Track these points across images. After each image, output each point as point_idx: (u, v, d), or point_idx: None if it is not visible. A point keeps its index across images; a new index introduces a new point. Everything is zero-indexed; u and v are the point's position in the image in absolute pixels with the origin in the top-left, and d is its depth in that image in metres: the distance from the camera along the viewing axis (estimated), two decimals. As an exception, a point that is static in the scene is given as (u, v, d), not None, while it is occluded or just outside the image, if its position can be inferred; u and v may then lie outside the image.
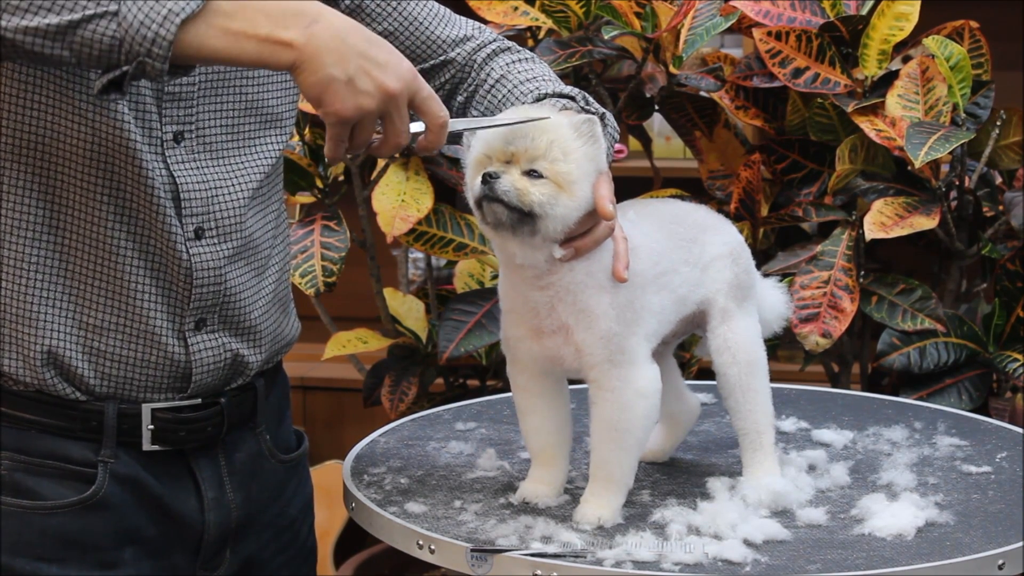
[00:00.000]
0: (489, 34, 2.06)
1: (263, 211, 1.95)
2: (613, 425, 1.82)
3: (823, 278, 2.77)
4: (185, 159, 1.86)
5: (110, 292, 1.85)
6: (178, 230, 1.85)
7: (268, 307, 1.98)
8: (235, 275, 1.92)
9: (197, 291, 1.88)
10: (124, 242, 1.84)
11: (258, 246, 1.95)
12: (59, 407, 1.87)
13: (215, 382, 1.93)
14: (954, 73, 2.71)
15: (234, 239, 1.91)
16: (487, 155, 1.76)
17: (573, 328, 1.80)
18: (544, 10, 2.88)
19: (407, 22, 2.01)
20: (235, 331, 1.93)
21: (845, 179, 2.82)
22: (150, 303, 1.86)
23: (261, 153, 1.94)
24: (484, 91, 2.00)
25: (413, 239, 2.87)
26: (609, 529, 1.79)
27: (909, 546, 1.77)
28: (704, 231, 1.94)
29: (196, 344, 1.89)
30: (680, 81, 2.92)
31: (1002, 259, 2.84)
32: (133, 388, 1.88)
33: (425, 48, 2.01)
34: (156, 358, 1.88)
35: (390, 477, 1.97)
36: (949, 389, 2.79)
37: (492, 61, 2.02)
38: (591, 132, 1.76)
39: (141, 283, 1.85)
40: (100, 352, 1.86)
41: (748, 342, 1.93)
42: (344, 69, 1.68)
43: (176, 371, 1.89)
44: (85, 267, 1.85)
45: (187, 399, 1.91)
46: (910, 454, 2.07)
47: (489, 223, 1.76)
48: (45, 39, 1.67)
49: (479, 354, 3.04)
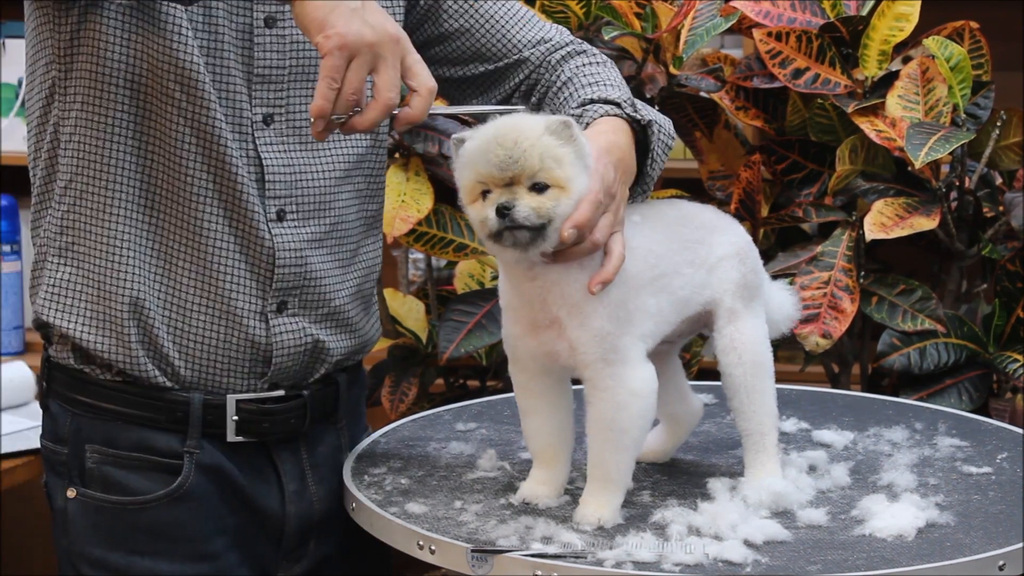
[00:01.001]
0: (566, 36, 2.08)
1: (354, 200, 1.97)
2: (608, 425, 1.83)
3: (823, 279, 2.77)
4: (273, 141, 1.90)
5: (197, 272, 1.89)
6: (260, 211, 1.89)
7: (351, 298, 2.00)
8: (318, 260, 1.94)
9: (279, 271, 1.91)
10: (213, 222, 1.88)
11: (346, 235, 1.98)
12: (145, 397, 1.91)
13: (295, 368, 1.95)
14: (954, 73, 2.71)
15: (317, 223, 1.93)
16: (480, 182, 1.76)
17: (565, 323, 1.81)
18: (544, 10, 2.87)
19: (484, 20, 2.03)
20: (316, 317, 1.96)
21: (845, 180, 2.82)
22: (235, 283, 1.90)
23: (349, 139, 1.96)
24: (553, 93, 2.02)
25: (413, 239, 2.87)
26: (609, 530, 1.79)
27: (909, 547, 1.77)
28: (711, 232, 1.94)
29: (277, 326, 1.92)
30: (680, 82, 2.91)
31: (1002, 260, 2.84)
32: (216, 372, 1.92)
33: (499, 47, 2.03)
34: (238, 339, 1.91)
35: (390, 478, 1.97)
36: (949, 390, 2.79)
37: (565, 64, 2.04)
38: (569, 133, 1.77)
39: (227, 263, 1.89)
40: (184, 332, 1.90)
41: (755, 343, 1.93)
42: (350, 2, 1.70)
43: (257, 354, 1.92)
44: (175, 247, 1.89)
45: (269, 388, 1.94)
46: (910, 455, 2.07)
47: (509, 246, 1.76)
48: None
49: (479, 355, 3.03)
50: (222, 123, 1.86)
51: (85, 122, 1.88)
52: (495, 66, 2.04)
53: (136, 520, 1.91)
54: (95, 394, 1.92)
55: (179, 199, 1.88)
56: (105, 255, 1.89)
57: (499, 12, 2.04)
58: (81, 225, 1.90)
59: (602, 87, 1.98)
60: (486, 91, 2.05)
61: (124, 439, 1.92)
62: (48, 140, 1.91)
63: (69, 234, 1.91)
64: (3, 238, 3.65)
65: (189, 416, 1.92)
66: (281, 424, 1.96)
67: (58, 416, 1.95)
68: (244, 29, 1.89)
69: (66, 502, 1.93)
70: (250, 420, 1.94)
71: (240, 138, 1.88)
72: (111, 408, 1.92)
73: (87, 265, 1.90)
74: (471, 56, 2.04)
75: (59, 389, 1.95)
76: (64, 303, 1.91)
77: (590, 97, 1.95)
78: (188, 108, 1.85)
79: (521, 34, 2.04)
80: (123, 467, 1.92)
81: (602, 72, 2.02)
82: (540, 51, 2.04)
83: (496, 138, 1.76)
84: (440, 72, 2.06)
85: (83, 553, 1.93)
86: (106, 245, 1.89)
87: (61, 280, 1.92)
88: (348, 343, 2.01)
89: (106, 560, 1.92)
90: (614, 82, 2.00)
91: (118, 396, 1.92)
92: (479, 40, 2.03)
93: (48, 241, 1.93)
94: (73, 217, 1.90)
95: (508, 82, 2.04)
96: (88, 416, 1.93)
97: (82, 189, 1.89)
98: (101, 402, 1.92)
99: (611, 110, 1.91)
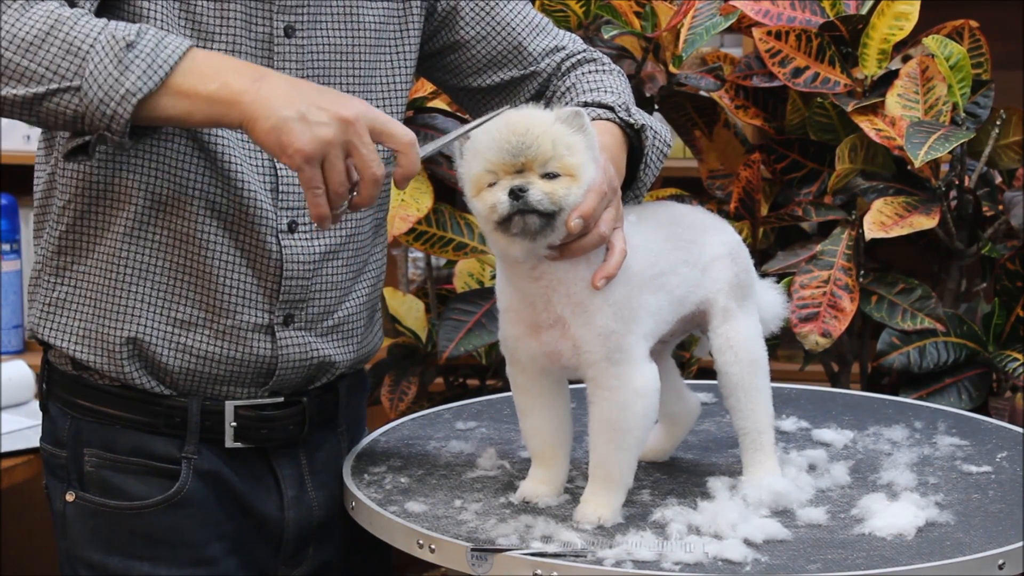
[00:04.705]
0: (579, 44, 2.08)
1: (369, 209, 1.97)
2: (611, 425, 1.83)
3: (823, 278, 2.77)
4: None
5: (199, 288, 1.88)
6: (272, 221, 1.88)
7: (360, 309, 2.00)
8: (329, 273, 1.94)
9: (287, 283, 1.90)
10: (216, 238, 1.87)
11: (361, 245, 1.97)
12: (143, 402, 1.91)
13: (298, 379, 1.95)
14: (954, 73, 2.71)
15: (334, 234, 1.93)
16: (489, 171, 1.76)
17: (570, 322, 1.80)
18: (544, 10, 2.87)
19: (499, 27, 2.03)
20: (323, 329, 1.95)
21: (845, 179, 2.82)
22: (240, 296, 1.89)
23: None
24: (557, 98, 2.03)
25: (413, 238, 2.87)
26: (609, 528, 1.79)
27: (909, 546, 1.77)
28: (703, 232, 1.94)
29: (283, 340, 1.92)
30: (680, 80, 2.91)
31: (1002, 259, 2.84)
32: (216, 383, 1.91)
33: (513, 56, 2.04)
34: (241, 354, 1.91)
35: (390, 476, 1.97)
36: (949, 389, 2.79)
37: (573, 71, 2.04)
38: (580, 123, 1.77)
39: (233, 277, 1.88)
40: (186, 348, 1.89)
41: (750, 341, 1.93)
42: (295, 108, 1.70)
43: (260, 367, 1.92)
44: (177, 264, 1.88)
45: (269, 396, 1.94)
46: (910, 454, 2.07)
47: (516, 234, 1.76)
48: (14, 107, 1.73)
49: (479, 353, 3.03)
50: (229, 136, 1.85)
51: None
52: (510, 75, 2.04)
53: (134, 525, 1.91)
54: (93, 398, 1.92)
55: (182, 216, 1.86)
56: (102, 276, 1.88)
57: (515, 20, 2.04)
58: (80, 246, 1.89)
59: (600, 92, 1.99)
60: (501, 102, 2.05)
61: (122, 443, 1.92)
62: (52, 158, 1.91)
63: (67, 254, 1.90)
64: (3, 237, 3.65)
65: (187, 422, 1.91)
66: (280, 431, 1.96)
67: (57, 419, 1.95)
68: (263, 39, 1.88)
69: (65, 505, 1.93)
70: (248, 426, 1.94)
71: (255, 149, 1.88)
72: (109, 412, 1.92)
73: (84, 286, 1.90)
74: (486, 64, 2.04)
75: (58, 392, 1.95)
76: (59, 322, 1.91)
77: (584, 100, 1.95)
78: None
79: (535, 43, 2.04)
80: (121, 471, 1.91)
81: (606, 80, 2.02)
82: (554, 60, 2.05)
83: (508, 125, 1.76)
84: (456, 82, 2.07)
85: (82, 556, 1.93)
86: (104, 266, 1.88)
87: (57, 299, 1.91)
88: (353, 355, 2.01)
89: (105, 564, 1.91)
90: (614, 89, 2.01)
91: (116, 401, 1.91)
92: (495, 47, 2.03)
93: (45, 259, 1.92)
94: (72, 237, 1.89)
95: (523, 94, 2.05)
96: (87, 420, 1.92)
97: (82, 210, 1.88)
98: (99, 406, 1.92)
99: (603, 113, 1.92)
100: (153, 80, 1.70)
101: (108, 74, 1.70)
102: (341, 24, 1.93)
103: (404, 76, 2.00)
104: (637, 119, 1.93)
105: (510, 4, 2.04)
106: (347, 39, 1.93)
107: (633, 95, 2.07)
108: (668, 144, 1.98)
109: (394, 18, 1.98)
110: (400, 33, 1.99)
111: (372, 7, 1.95)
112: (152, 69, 1.70)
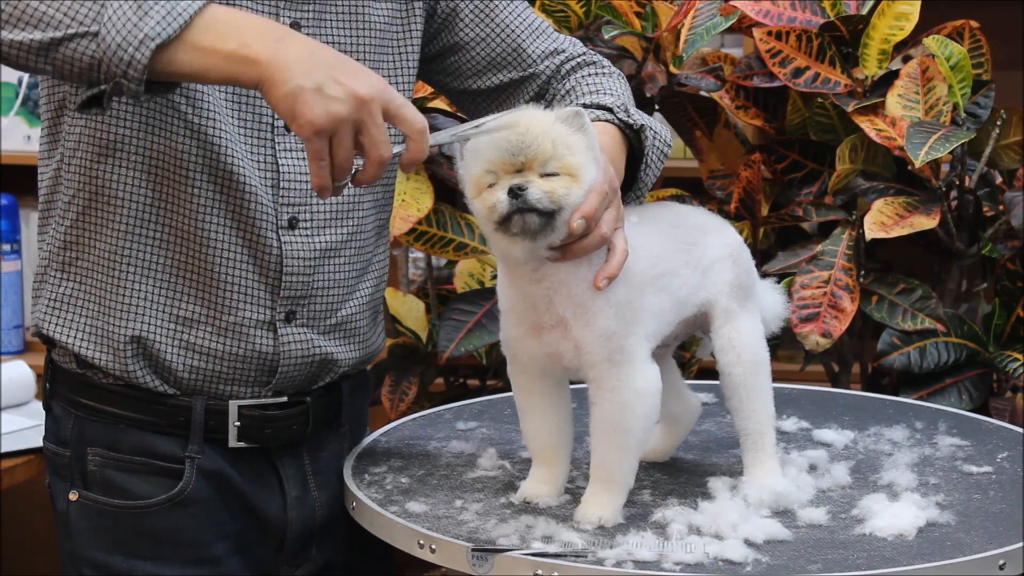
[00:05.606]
0: (579, 48, 2.08)
1: (373, 209, 1.96)
2: (613, 425, 1.83)
3: (823, 278, 2.77)
4: (293, 148, 1.90)
5: (202, 285, 1.89)
6: (272, 217, 1.88)
7: (362, 308, 2.00)
8: (331, 270, 1.94)
9: (287, 279, 1.90)
10: (217, 234, 1.87)
11: (363, 244, 1.97)
12: (147, 401, 1.91)
13: (301, 377, 1.95)
14: (954, 73, 2.71)
15: (334, 232, 1.93)
16: (489, 171, 1.76)
17: (571, 323, 1.80)
18: (544, 10, 2.88)
19: (498, 29, 2.03)
20: (325, 327, 1.95)
21: (845, 179, 2.82)
22: (242, 293, 1.89)
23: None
24: (557, 101, 2.03)
25: (413, 239, 2.87)
26: (610, 529, 1.79)
27: (910, 546, 1.77)
28: (704, 234, 1.94)
29: (285, 336, 1.92)
30: (680, 81, 2.91)
31: (1002, 259, 2.84)
32: (220, 381, 1.91)
33: (512, 58, 2.04)
34: (244, 351, 1.91)
35: (391, 477, 1.97)
36: (949, 389, 2.79)
37: (573, 74, 2.05)
38: (581, 123, 1.77)
39: (235, 273, 1.88)
40: (188, 345, 1.90)
41: (752, 342, 1.93)
42: (312, 79, 1.69)
43: (263, 364, 1.92)
44: (179, 260, 1.88)
45: (273, 395, 1.94)
46: (911, 454, 2.07)
47: (516, 233, 1.75)
48: (29, 53, 1.71)
49: (479, 354, 3.03)
50: (230, 131, 1.85)
51: (88, 139, 1.87)
52: (509, 77, 2.04)
53: (137, 524, 1.91)
54: (97, 397, 1.92)
55: (184, 211, 1.87)
56: (107, 272, 1.89)
57: (514, 22, 2.04)
58: (84, 241, 1.90)
59: (599, 95, 1.99)
60: (500, 105, 2.05)
61: (126, 443, 1.92)
62: (57, 154, 1.91)
63: (72, 249, 1.90)
64: (3, 237, 3.65)
65: (191, 421, 1.92)
66: (283, 430, 1.96)
67: (61, 418, 1.95)
68: None
69: (68, 504, 1.93)
70: (252, 426, 1.94)
71: (258, 143, 1.88)
72: (113, 411, 1.92)
73: (89, 281, 1.90)
74: (486, 66, 2.04)
75: (62, 391, 1.95)
76: (64, 318, 1.91)
77: (583, 102, 1.96)
78: (194, 120, 1.84)
79: (534, 46, 2.05)
80: (125, 471, 1.92)
81: (606, 83, 2.03)
82: (554, 63, 2.05)
83: (508, 125, 1.76)
84: (456, 84, 2.07)
85: (85, 556, 1.93)
86: (108, 262, 1.88)
87: (63, 295, 1.92)
88: (356, 354, 2.01)
89: (108, 563, 1.92)
90: (613, 91, 2.01)
91: (120, 400, 1.91)
92: (494, 49, 2.03)
93: (51, 255, 1.93)
94: (76, 233, 1.90)
95: (522, 97, 2.05)
96: (90, 419, 1.93)
97: (85, 205, 1.88)
98: (103, 405, 1.92)
99: (602, 115, 1.92)
100: (172, 26, 1.68)
101: (127, 19, 1.68)
102: (346, 22, 1.93)
103: (407, 76, 2.00)
104: (636, 119, 1.93)
105: (510, 6, 2.04)
106: (352, 37, 1.93)
107: (633, 96, 2.07)
108: (668, 144, 1.98)
109: (398, 18, 1.98)
110: (403, 33, 1.99)
111: (377, 7, 1.95)
112: (172, 16, 1.69)
